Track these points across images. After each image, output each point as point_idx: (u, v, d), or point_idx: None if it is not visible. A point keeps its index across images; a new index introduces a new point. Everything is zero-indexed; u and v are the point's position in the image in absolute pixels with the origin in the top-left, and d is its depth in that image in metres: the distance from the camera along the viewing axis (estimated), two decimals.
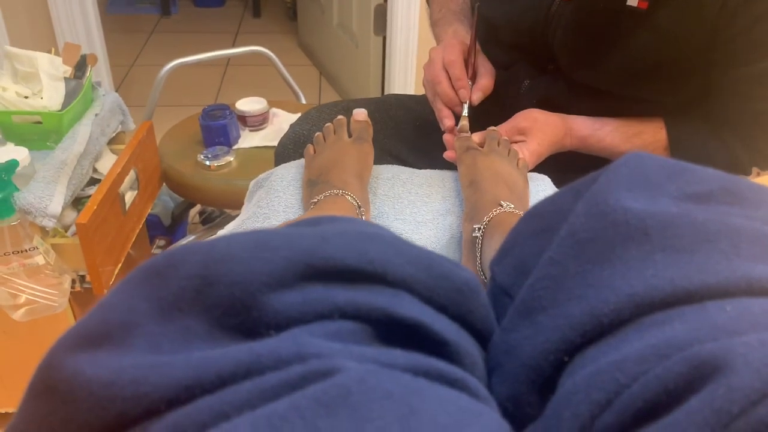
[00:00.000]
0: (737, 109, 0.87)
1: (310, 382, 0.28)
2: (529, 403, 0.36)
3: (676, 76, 0.87)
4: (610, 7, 0.84)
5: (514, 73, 0.98)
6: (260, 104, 1.55)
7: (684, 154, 0.88)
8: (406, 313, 0.34)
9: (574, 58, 0.90)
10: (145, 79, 2.90)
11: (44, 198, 1.09)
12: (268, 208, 0.81)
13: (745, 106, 0.86)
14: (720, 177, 0.39)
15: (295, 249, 0.34)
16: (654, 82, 0.87)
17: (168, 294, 0.33)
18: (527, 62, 0.96)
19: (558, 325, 0.35)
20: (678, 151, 0.89)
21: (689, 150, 0.89)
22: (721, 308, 0.31)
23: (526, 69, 0.96)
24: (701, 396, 0.27)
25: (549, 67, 0.94)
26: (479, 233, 0.69)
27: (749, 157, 0.87)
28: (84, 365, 0.30)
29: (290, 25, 3.51)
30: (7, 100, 1.20)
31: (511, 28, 0.95)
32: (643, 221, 0.35)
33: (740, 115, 0.87)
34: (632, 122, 0.91)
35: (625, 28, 0.84)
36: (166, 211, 1.75)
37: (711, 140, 0.88)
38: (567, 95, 0.93)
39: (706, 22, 0.80)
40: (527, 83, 0.97)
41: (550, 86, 0.95)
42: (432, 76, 0.92)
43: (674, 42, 0.83)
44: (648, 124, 0.91)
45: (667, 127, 0.90)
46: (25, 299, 1.08)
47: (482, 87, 0.90)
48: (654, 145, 0.90)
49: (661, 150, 0.89)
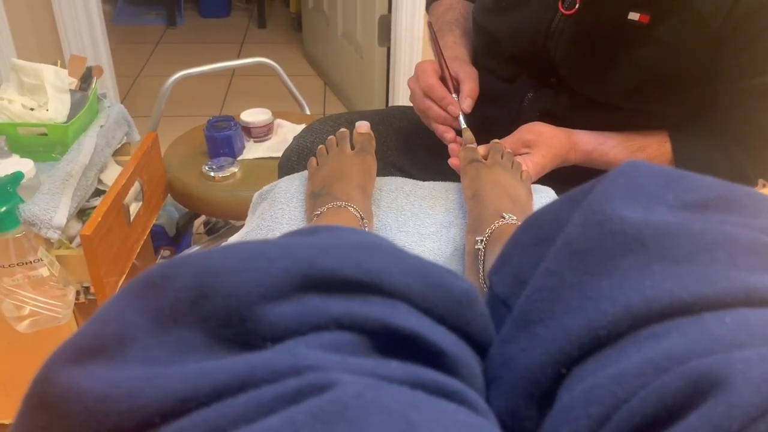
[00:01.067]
0: (741, 122, 0.87)
1: (306, 396, 0.28)
2: (527, 417, 0.36)
3: (678, 88, 0.87)
4: (612, 21, 0.84)
5: (517, 87, 0.98)
6: (265, 115, 1.55)
7: (689, 167, 0.87)
8: (403, 323, 0.34)
9: (577, 71, 0.90)
10: (151, 90, 2.91)
11: (49, 210, 1.10)
12: (271, 220, 0.81)
13: (749, 118, 0.86)
14: (716, 185, 0.38)
15: (291, 260, 0.34)
16: (657, 94, 0.87)
17: (163, 306, 0.33)
18: (530, 75, 0.96)
19: (555, 337, 0.35)
20: (683, 164, 0.89)
21: (694, 163, 0.88)
22: (720, 320, 0.31)
23: (529, 82, 0.97)
24: (701, 412, 0.26)
25: (551, 80, 0.94)
26: (482, 245, 0.68)
27: (754, 169, 0.87)
28: (79, 378, 0.30)
29: (295, 36, 3.53)
30: (12, 112, 1.21)
31: (512, 42, 0.96)
32: (640, 231, 0.35)
33: (744, 127, 0.87)
34: (636, 136, 0.91)
35: (627, 41, 0.84)
36: (170, 221, 1.75)
37: (716, 152, 0.88)
38: (570, 108, 0.93)
39: (708, 35, 0.80)
40: (530, 96, 0.97)
41: (552, 99, 0.95)
42: (419, 106, 0.93)
43: (676, 55, 0.83)
44: (651, 137, 0.91)
45: (672, 141, 0.90)
46: (30, 311, 1.09)
47: (468, 93, 0.90)
48: (658, 159, 0.89)
49: (666, 163, 0.89)
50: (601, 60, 0.87)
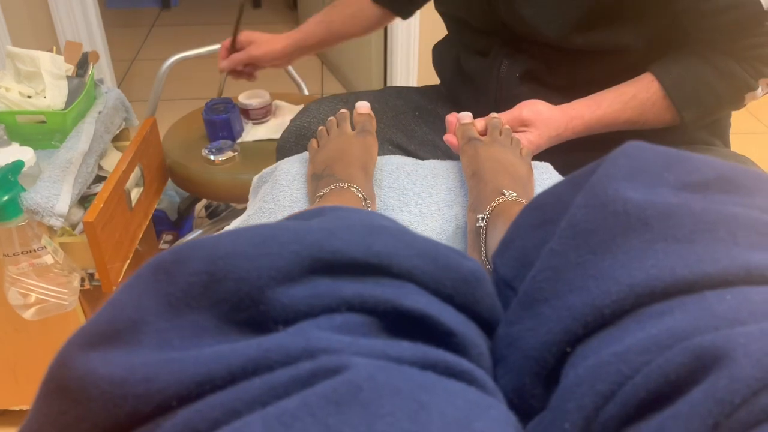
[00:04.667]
0: (708, 29, 0.86)
1: (320, 379, 0.29)
2: (533, 395, 0.36)
3: (635, 14, 0.87)
4: None
5: (491, 58, 1.01)
6: (263, 97, 1.54)
7: (684, 94, 0.88)
8: (412, 304, 0.34)
9: (525, 19, 0.91)
10: (147, 73, 2.90)
11: (51, 197, 1.10)
12: (273, 203, 0.82)
13: (717, 21, 0.84)
14: (717, 165, 0.39)
15: (302, 243, 0.35)
16: (615, 24, 0.88)
17: (176, 290, 0.33)
18: (502, 45, 0.99)
19: (560, 316, 0.35)
20: (677, 94, 0.88)
21: (687, 88, 0.88)
22: (721, 297, 0.31)
23: (502, 51, 0.99)
24: (703, 387, 0.27)
25: (522, 45, 0.97)
26: (483, 223, 0.69)
27: (748, 70, 0.86)
28: (95, 364, 0.31)
29: (291, 15, 3.50)
30: (10, 101, 1.20)
31: (468, 15, 1.01)
32: (643, 211, 0.36)
33: (714, 33, 0.86)
34: (623, 87, 0.91)
35: None
36: (172, 206, 1.75)
37: (704, 70, 0.87)
38: (546, 66, 0.96)
39: None
40: (506, 63, 0.99)
41: (527, 60, 0.97)
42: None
43: None
44: (638, 83, 0.90)
45: (658, 77, 0.89)
46: (36, 299, 1.09)
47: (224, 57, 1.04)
48: (651, 99, 0.89)
49: (662, 100, 0.89)
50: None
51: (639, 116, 0.90)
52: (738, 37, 0.85)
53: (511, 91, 1.00)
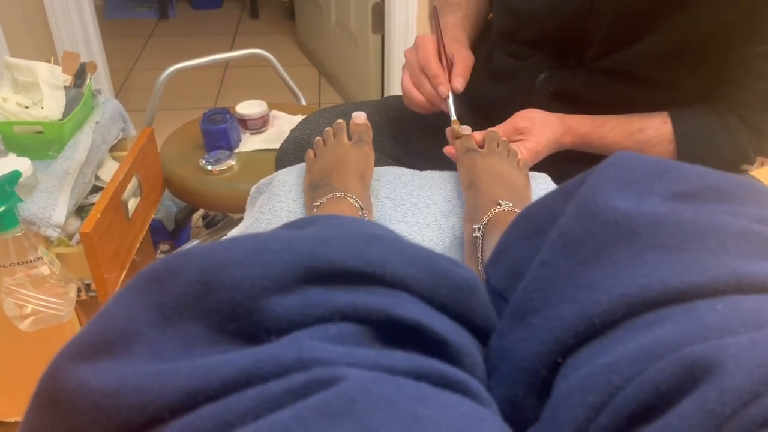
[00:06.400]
0: (747, 88, 0.86)
1: (314, 391, 0.28)
2: (526, 406, 0.36)
3: (699, 55, 0.86)
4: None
5: (529, 66, 0.97)
6: (260, 107, 1.55)
7: (691, 147, 0.88)
8: (406, 313, 0.34)
9: (611, 46, 0.88)
10: (145, 84, 2.90)
11: (48, 208, 1.10)
12: (270, 213, 0.82)
13: (756, 85, 0.84)
14: (707, 174, 0.39)
15: (294, 252, 0.35)
16: (677, 62, 0.86)
17: (168, 300, 0.33)
18: (549, 55, 0.95)
19: (551, 326, 0.35)
20: (685, 145, 0.88)
21: (696, 144, 0.88)
22: (712, 307, 0.31)
23: (546, 61, 0.95)
24: (694, 398, 0.27)
25: (570, 61, 0.93)
26: (479, 233, 0.69)
27: (753, 144, 0.87)
28: (87, 375, 0.30)
29: (288, 25, 3.51)
30: (7, 111, 1.20)
31: (551, 20, 0.93)
32: (632, 221, 0.36)
33: (751, 94, 0.86)
34: (634, 118, 0.90)
35: (667, 8, 0.83)
36: (169, 216, 1.75)
37: (717, 131, 0.87)
38: (584, 86, 0.93)
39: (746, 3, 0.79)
40: (543, 75, 0.96)
41: (567, 78, 0.94)
42: (413, 80, 0.91)
43: (709, 22, 0.82)
44: (651, 119, 0.90)
45: (673, 121, 0.89)
46: (32, 309, 1.09)
47: (460, 72, 0.88)
48: (657, 140, 0.89)
49: (665, 144, 0.89)
50: (637, 30, 0.85)
51: (638, 151, 0.89)
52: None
53: (535, 104, 0.94)
